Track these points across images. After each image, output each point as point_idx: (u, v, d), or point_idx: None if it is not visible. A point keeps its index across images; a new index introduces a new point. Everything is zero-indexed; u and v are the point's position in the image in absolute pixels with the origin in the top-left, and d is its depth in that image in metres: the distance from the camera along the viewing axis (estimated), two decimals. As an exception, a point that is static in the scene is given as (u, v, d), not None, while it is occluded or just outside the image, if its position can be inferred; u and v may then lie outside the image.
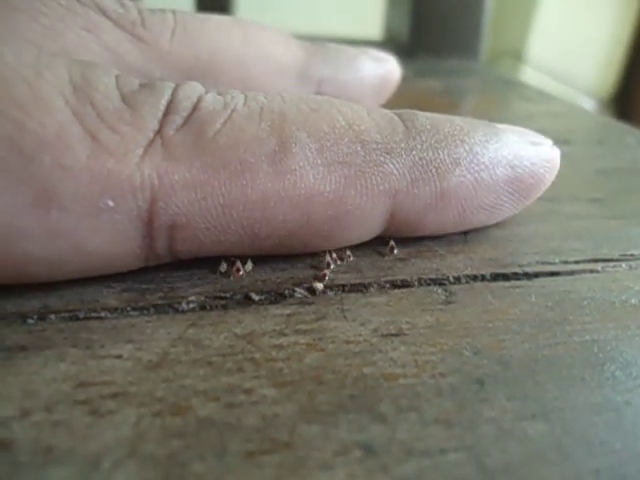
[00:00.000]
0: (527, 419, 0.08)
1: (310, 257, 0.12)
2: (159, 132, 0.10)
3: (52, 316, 0.10)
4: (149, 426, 0.07)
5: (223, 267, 0.11)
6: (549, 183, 0.13)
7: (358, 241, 0.12)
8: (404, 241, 0.13)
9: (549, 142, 0.13)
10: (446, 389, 0.08)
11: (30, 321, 0.09)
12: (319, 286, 0.11)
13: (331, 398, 0.08)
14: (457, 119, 0.12)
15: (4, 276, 0.10)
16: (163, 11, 0.15)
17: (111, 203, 0.09)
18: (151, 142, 0.09)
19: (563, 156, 0.20)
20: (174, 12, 0.15)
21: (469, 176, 0.12)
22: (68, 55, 0.10)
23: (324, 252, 0.12)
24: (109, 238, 0.09)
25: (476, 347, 0.09)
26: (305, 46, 0.18)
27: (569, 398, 0.08)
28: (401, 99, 0.21)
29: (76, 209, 0.09)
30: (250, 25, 0.16)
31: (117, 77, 0.10)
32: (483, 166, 0.12)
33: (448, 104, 0.29)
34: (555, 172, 0.13)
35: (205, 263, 0.11)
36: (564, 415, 0.08)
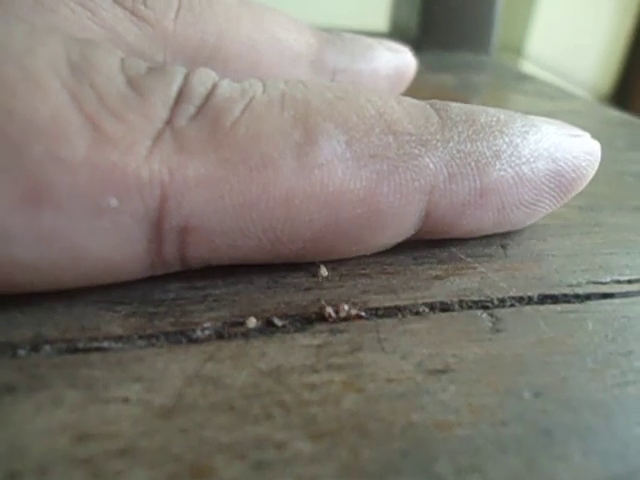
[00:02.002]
0: (609, 482, 0.07)
1: (339, 275, 0.11)
2: (170, 122, 0.08)
3: (47, 347, 0.08)
4: (164, 493, 0.06)
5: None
6: (590, 178, 0.12)
7: (389, 244, 0.11)
8: (439, 256, 0.12)
9: (587, 134, 0.12)
10: (510, 442, 0.07)
11: (21, 352, 0.08)
12: (351, 311, 0.10)
13: (378, 454, 0.07)
14: (491, 109, 0.11)
15: None
16: None
17: (115, 202, 0.08)
18: (161, 133, 0.08)
19: (594, 159, 0.19)
20: None
21: (510, 170, 0.11)
22: (63, 31, 0.09)
23: (355, 272, 0.11)
24: (111, 242, 0.08)
25: (536, 387, 0.08)
26: (318, 34, 0.16)
27: (653, 454, 0.07)
28: (414, 94, 0.19)
29: (73, 208, 0.08)
30: (260, 8, 0.15)
31: (122, 59, 0.09)
32: (524, 159, 0.11)
33: (463, 100, 0.27)
34: (596, 166, 0.12)
35: (220, 282, 0.10)
36: (651, 476, 0.07)
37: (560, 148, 0.11)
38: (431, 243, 0.12)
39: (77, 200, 0.08)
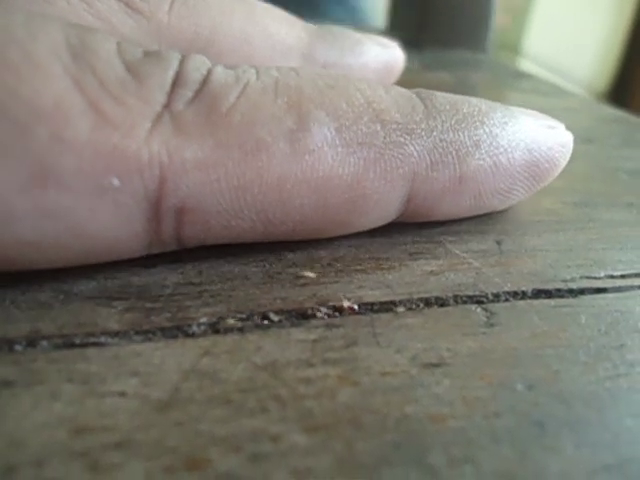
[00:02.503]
0: (600, 472, 0.07)
1: (334, 271, 0.11)
2: (167, 106, 0.09)
3: (44, 342, 0.08)
4: (160, 485, 0.06)
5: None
6: (562, 168, 0.13)
7: (374, 226, 0.11)
8: (435, 252, 0.12)
9: (562, 125, 0.13)
10: (502, 434, 0.07)
11: (18, 348, 0.08)
12: (346, 305, 0.10)
13: (372, 446, 0.07)
14: (473, 99, 0.12)
15: None
16: None
17: (116, 182, 0.08)
18: (159, 116, 0.09)
19: (589, 156, 0.19)
20: None
21: (488, 160, 0.11)
22: (61, 18, 0.09)
23: (351, 267, 0.11)
24: (112, 221, 0.08)
25: (529, 380, 0.08)
26: (309, 28, 0.17)
27: (644, 445, 0.07)
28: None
29: (77, 188, 0.08)
30: (253, 2, 0.15)
31: (118, 44, 0.09)
32: (502, 149, 0.11)
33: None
34: (568, 157, 0.13)
35: (217, 277, 0.10)
36: (641, 467, 0.07)
37: (536, 139, 0.12)
38: (426, 239, 0.12)
39: (80, 180, 0.08)
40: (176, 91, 0.09)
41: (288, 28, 0.15)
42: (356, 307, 0.10)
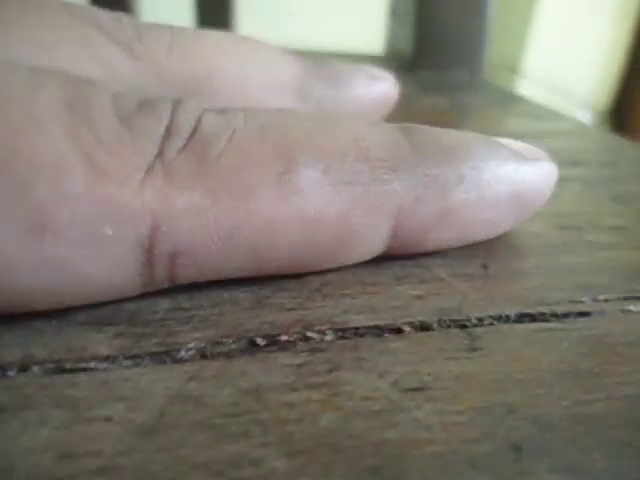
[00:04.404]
0: (574, 497, 0.07)
1: (322, 295, 0.11)
2: (159, 155, 0.09)
3: (35, 368, 0.09)
4: (142, 509, 0.06)
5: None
6: (547, 198, 0.13)
7: (361, 259, 0.12)
8: (421, 276, 0.12)
9: (546, 156, 0.13)
10: (479, 459, 0.07)
11: (10, 374, 0.08)
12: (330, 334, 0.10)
13: (350, 471, 0.07)
14: (455, 132, 0.12)
15: None
16: (160, 26, 0.14)
17: (110, 231, 0.09)
18: (151, 166, 0.09)
19: (577, 180, 0.19)
20: (172, 28, 0.14)
21: (473, 193, 0.11)
22: (63, 70, 0.09)
23: (338, 292, 0.11)
24: (107, 266, 0.09)
25: (509, 404, 0.08)
26: (303, 63, 0.17)
27: (618, 470, 0.07)
28: (407, 117, 0.20)
29: (73, 237, 0.08)
30: (248, 41, 0.16)
31: (114, 95, 0.10)
32: (486, 183, 0.12)
33: (455, 122, 0.28)
34: (553, 186, 0.13)
35: (206, 303, 0.10)
36: (615, 491, 0.07)
37: (520, 171, 0.12)
38: (414, 264, 0.12)
39: (76, 229, 0.08)
40: (168, 140, 0.09)
41: (283, 64, 0.16)
42: (341, 332, 0.10)
